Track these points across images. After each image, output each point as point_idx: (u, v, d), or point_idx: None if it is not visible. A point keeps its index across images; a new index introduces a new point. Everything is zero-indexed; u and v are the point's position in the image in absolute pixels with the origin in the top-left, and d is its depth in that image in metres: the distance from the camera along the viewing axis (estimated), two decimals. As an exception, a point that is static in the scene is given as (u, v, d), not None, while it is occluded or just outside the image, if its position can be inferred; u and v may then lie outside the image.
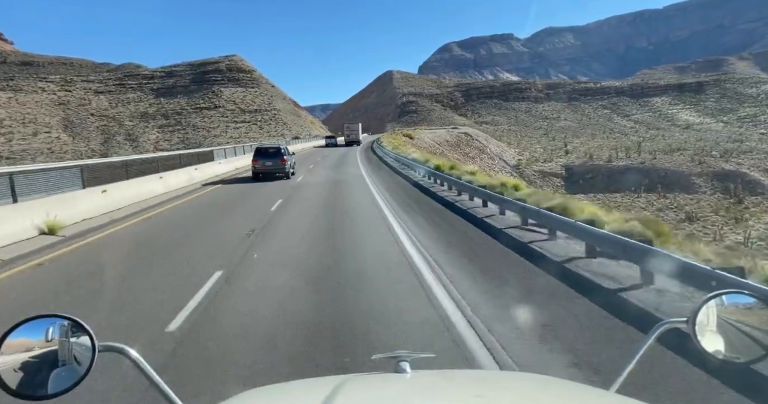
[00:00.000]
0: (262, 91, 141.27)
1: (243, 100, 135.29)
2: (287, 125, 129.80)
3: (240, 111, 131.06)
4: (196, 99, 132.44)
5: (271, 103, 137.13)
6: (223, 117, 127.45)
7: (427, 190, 18.21)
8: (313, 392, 1.18)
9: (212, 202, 16.80)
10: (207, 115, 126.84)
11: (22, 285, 7.53)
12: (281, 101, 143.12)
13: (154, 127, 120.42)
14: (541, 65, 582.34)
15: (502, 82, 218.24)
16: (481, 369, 3.97)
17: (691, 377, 3.72)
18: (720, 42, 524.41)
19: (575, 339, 4.72)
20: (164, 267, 8.12)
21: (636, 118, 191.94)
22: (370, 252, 8.78)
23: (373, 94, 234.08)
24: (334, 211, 13.89)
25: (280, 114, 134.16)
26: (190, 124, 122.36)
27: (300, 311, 5.71)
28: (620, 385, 1.21)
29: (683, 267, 5.25)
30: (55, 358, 1.09)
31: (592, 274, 6.79)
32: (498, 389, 1.23)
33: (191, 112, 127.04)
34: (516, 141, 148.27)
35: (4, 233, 9.67)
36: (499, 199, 11.72)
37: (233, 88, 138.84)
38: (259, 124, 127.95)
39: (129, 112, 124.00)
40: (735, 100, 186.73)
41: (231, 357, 4.51)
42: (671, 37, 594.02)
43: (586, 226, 7.52)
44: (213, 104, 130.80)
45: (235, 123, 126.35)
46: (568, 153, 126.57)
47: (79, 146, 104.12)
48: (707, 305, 1.22)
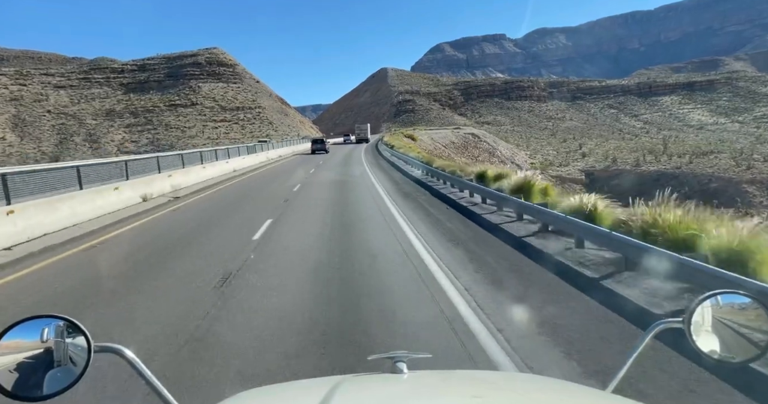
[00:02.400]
0: (245, 87, 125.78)
1: (224, 96, 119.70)
2: (273, 124, 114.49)
3: (220, 108, 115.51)
4: (170, 95, 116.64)
5: (255, 100, 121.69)
6: (200, 115, 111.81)
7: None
8: (310, 393, 1.16)
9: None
10: (182, 113, 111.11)
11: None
12: (267, 98, 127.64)
13: (120, 126, 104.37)
14: (533, 66, 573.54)
15: (503, 80, 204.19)
16: (479, 369, 3.68)
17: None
18: (710, 43, 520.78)
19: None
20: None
21: (645, 118, 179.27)
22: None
23: (367, 92, 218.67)
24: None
25: (266, 112, 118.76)
26: (163, 123, 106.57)
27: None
28: (616, 385, 1.19)
29: None
30: (51, 359, 1.07)
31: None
32: (495, 389, 1.22)
33: (164, 110, 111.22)
34: (524, 142, 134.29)
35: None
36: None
37: (213, 84, 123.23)
38: (241, 123, 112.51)
39: (93, 109, 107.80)
40: (749, 99, 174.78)
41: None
42: (662, 39, 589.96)
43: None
44: (190, 101, 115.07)
45: (214, 122, 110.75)
46: (585, 156, 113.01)
47: (27, 148, 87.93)
48: (702, 305, 1.20)
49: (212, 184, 20.18)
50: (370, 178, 21.46)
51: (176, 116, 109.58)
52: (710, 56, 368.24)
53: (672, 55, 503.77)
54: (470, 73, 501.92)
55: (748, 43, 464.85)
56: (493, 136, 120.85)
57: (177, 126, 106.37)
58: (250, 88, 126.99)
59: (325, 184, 19.33)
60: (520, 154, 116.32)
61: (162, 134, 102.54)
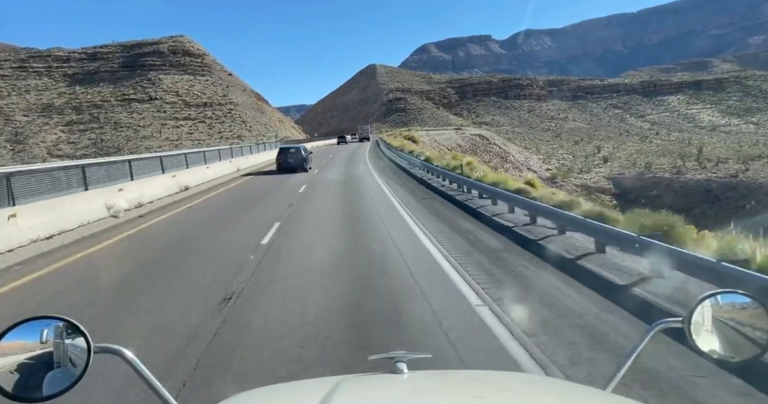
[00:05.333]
0: (215, 80, 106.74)
1: (189, 90, 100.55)
2: (246, 123, 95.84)
3: (184, 104, 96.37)
4: (125, 88, 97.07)
5: (226, 95, 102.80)
6: (159, 111, 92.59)
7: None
8: (310, 393, 1.14)
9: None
10: (137, 109, 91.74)
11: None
12: (240, 93, 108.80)
13: (57, 124, 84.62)
14: (519, 67, 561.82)
15: (500, 78, 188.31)
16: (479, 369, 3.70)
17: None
18: (694, 46, 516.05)
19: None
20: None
21: (652, 119, 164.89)
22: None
23: (354, 90, 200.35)
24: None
25: (238, 109, 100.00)
26: (111, 120, 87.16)
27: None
28: (616, 385, 1.18)
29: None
30: (50, 360, 1.05)
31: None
32: (496, 389, 1.20)
33: (115, 105, 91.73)
34: (533, 145, 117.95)
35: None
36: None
37: (177, 76, 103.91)
38: (208, 121, 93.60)
39: (26, 103, 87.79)
40: (761, 98, 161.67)
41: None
42: (646, 41, 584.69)
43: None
44: (147, 95, 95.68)
45: (176, 120, 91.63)
46: (607, 161, 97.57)
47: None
48: (702, 305, 1.18)
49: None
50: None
51: (129, 113, 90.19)
52: (697, 58, 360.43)
53: (655, 57, 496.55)
54: (456, 74, 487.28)
55: (731, 46, 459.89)
56: (501, 137, 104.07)
57: (129, 124, 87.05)
58: (221, 81, 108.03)
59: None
60: (533, 158, 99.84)
61: (109, 134, 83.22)
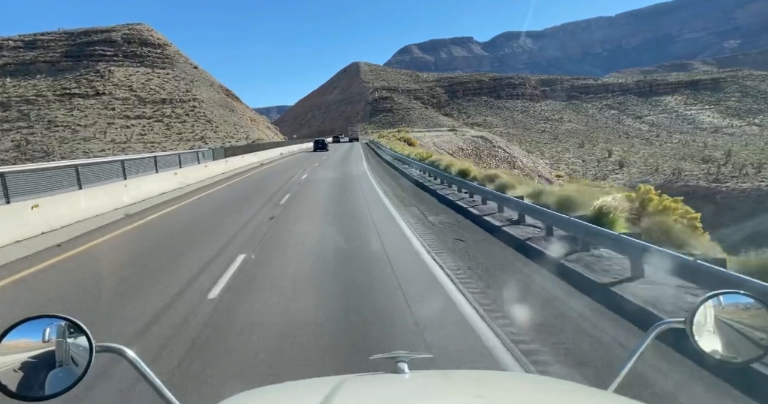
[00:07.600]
0: (177, 74, 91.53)
1: (145, 84, 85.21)
2: (212, 123, 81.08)
3: (137, 100, 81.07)
4: (66, 81, 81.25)
5: (189, 91, 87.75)
6: (106, 108, 77.16)
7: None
8: (312, 392, 1.13)
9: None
10: (79, 106, 76.14)
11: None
12: (207, 89, 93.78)
13: (-25, 123, 68.72)
14: (501, 69, 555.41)
15: (491, 76, 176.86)
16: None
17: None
18: (670, 49, 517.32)
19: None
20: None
21: (650, 120, 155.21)
22: None
23: (337, 89, 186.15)
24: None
25: (203, 106, 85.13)
26: (45, 118, 71.50)
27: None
28: (618, 385, 1.16)
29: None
30: (53, 359, 1.05)
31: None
32: (497, 389, 1.19)
33: (53, 101, 75.95)
34: (536, 148, 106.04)
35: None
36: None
37: (132, 68, 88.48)
38: (166, 120, 78.54)
39: (-61, 98, 71.57)
40: (761, 98, 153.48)
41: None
42: (624, 44, 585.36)
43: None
44: (93, 90, 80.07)
45: (126, 118, 76.36)
46: (623, 166, 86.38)
47: None
48: (705, 305, 1.17)
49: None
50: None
51: (69, 110, 74.57)
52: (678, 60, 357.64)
53: (633, 59, 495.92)
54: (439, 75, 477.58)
55: (706, 49, 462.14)
56: (503, 139, 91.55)
57: (67, 123, 71.49)
58: (185, 75, 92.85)
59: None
60: (540, 163, 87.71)
61: (39, 135, 67.60)
